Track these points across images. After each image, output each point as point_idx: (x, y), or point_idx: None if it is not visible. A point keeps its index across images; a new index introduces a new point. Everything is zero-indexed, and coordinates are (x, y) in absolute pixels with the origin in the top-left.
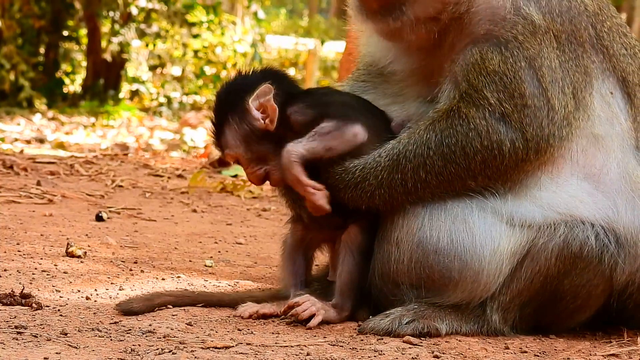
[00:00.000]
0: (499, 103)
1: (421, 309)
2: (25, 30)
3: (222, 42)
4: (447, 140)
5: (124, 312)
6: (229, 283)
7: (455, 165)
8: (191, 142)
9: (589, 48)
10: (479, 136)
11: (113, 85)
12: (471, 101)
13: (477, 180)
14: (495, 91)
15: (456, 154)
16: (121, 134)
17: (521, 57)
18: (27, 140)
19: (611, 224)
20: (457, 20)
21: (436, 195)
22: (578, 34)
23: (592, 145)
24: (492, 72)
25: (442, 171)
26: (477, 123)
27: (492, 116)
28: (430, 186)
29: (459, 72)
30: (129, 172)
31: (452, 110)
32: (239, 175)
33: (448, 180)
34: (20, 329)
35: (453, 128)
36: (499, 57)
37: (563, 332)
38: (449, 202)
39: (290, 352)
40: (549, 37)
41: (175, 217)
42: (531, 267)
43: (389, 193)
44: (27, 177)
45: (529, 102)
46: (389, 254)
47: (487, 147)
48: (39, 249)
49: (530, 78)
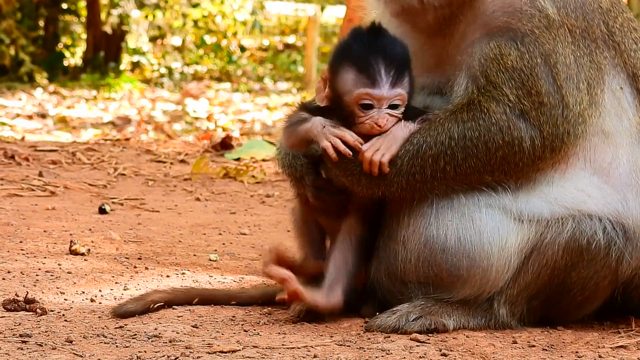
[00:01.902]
0: (518, 100)
1: (428, 305)
2: (24, 4)
3: (222, 11)
4: (470, 133)
5: (120, 316)
6: (234, 278)
7: (475, 160)
8: (194, 112)
9: (601, 44)
10: (501, 132)
11: (114, 58)
12: (491, 96)
13: (493, 175)
14: (514, 88)
15: (478, 148)
16: (123, 107)
17: (537, 53)
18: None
19: (620, 217)
20: (470, 8)
21: (450, 187)
22: (591, 30)
23: (602, 141)
24: (510, 68)
25: (462, 164)
26: (499, 118)
27: (513, 112)
28: (447, 177)
29: (476, 66)
30: (131, 158)
31: (472, 103)
32: (241, 159)
33: (466, 174)
34: (25, 337)
35: (475, 121)
36: (515, 53)
37: (570, 323)
38: (455, 200)
39: (297, 354)
40: (564, 31)
41: (179, 206)
42: (538, 260)
43: (406, 180)
44: (29, 167)
45: (544, 100)
46: (396, 253)
47: (508, 143)
48: (42, 247)
49: (545, 75)
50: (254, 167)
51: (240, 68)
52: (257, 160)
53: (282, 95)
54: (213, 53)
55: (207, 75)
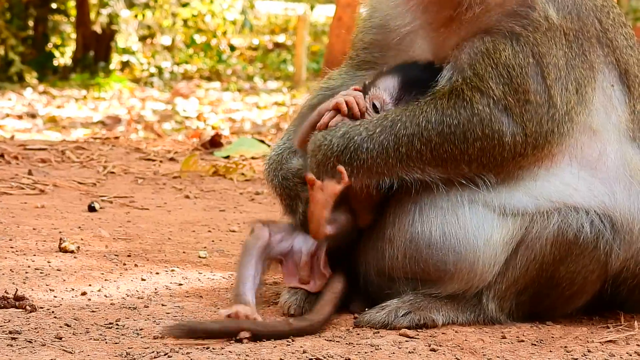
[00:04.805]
0: (504, 96)
1: (417, 300)
2: (13, 4)
3: (212, 10)
4: (449, 119)
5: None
6: (223, 275)
7: (452, 146)
8: (184, 112)
9: (595, 42)
10: (481, 123)
11: (103, 57)
12: (476, 87)
13: (471, 167)
14: (501, 83)
15: (456, 135)
16: (113, 106)
17: (530, 53)
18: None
19: (607, 210)
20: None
21: (426, 172)
22: (585, 29)
23: (590, 138)
24: (500, 64)
25: (439, 148)
26: (481, 110)
27: (496, 107)
28: (423, 159)
29: (464, 59)
30: (121, 156)
31: (455, 91)
32: (230, 157)
33: (443, 159)
34: (15, 334)
35: (456, 110)
36: (509, 50)
37: (560, 317)
38: (438, 196)
39: (286, 350)
40: (559, 34)
41: (168, 204)
42: (526, 255)
43: (378, 151)
44: (19, 165)
45: (531, 98)
46: (383, 251)
47: (487, 135)
48: (32, 245)
49: (535, 74)
50: (244, 164)
51: (230, 67)
52: (247, 158)
53: (272, 94)
54: (203, 52)
55: (197, 75)
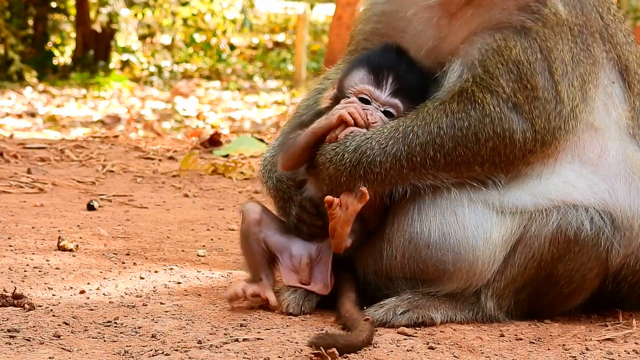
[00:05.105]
0: (513, 93)
1: (415, 298)
2: (13, 3)
3: (211, 9)
4: (460, 123)
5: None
6: (222, 274)
7: (465, 149)
8: (183, 111)
9: (598, 38)
10: (492, 123)
11: (103, 56)
12: (486, 87)
13: (483, 167)
14: (511, 80)
15: (468, 138)
16: (112, 105)
17: (538, 49)
18: (18, 114)
19: (607, 207)
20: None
21: (438, 177)
22: (589, 24)
23: (591, 136)
24: (510, 61)
25: (452, 152)
26: (492, 110)
27: (505, 104)
28: (437, 165)
29: (475, 54)
30: (120, 155)
31: (465, 92)
32: (230, 155)
33: (456, 163)
34: (13, 332)
35: (466, 112)
36: (519, 46)
37: (558, 316)
38: (437, 196)
39: (284, 348)
40: (565, 29)
41: (167, 203)
42: (525, 253)
43: (391, 163)
44: (18, 164)
45: (539, 95)
46: (381, 251)
47: (499, 134)
48: (31, 243)
49: (543, 70)
50: (243, 163)
51: (229, 66)
52: (246, 156)
53: (271, 93)
54: (202, 51)
55: (197, 74)
